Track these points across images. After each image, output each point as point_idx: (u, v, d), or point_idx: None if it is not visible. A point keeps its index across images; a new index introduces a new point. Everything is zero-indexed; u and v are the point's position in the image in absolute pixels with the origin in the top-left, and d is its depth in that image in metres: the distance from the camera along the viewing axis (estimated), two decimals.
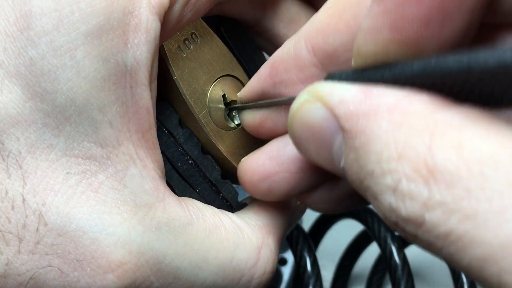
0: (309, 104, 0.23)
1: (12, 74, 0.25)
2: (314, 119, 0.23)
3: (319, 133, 0.23)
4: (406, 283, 0.42)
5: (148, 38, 0.26)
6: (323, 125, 0.22)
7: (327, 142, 0.22)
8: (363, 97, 0.21)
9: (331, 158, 0.23)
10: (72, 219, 0.25)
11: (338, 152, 0.22)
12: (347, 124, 0.21)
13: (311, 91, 0.23)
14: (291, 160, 0.29)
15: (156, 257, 0.27)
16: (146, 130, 0.27)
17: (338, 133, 0.22)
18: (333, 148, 0.22)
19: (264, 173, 0.30)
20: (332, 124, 0.22)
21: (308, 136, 0.23)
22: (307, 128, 0.23)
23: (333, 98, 0.22)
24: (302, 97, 0.24)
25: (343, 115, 0.21)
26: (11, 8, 0.25)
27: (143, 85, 0.26)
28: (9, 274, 0.24)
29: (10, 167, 0.24)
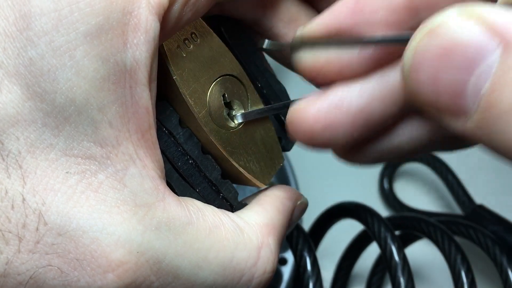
0: (459, 20, 0.21)
1: (11, 74, 0.25)
2: (463, 36, 0.20)
3: (465, 52, 0.20)
4: (406, 283, 0.42)
5: (147, 38, 0.26)
6: (474, 43, 0.20)
7: (472, 62, 0.20)
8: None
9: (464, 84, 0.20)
10: (72, 219, 0.25)
11: (483, 73, 0.20)
12: None
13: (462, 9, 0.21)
14: (358, 110, 0.27)
15: (156, 256, 0.27)
16: (146, 130, 0.27)
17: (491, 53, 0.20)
18: (477, 69, 0.20)
19: (328, 123, 0.27)
20: (486, 43, 0.20)
21: (444, 56, 0.21)
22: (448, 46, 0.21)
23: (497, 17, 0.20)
24: (449, 12, 0.21)
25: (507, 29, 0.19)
26: (11, 8, 0.25)
27: (143, 85, 0.27)
28: (9, 274, 0.24)
29: (10, 166, 0.24)
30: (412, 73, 0.22)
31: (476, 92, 0.20)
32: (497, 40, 0.20)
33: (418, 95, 0.22)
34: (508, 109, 0.19)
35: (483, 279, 0.57)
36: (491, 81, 0.20)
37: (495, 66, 0.20)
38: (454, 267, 0.46)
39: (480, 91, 0.20)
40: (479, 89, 0.20)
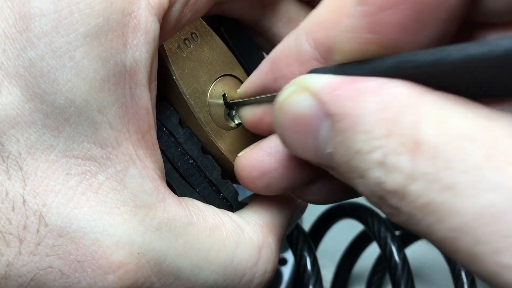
0: (295, 94, 0.24)
1: (11, 76, 0.24)
2: (300, 109, 0.23)
3: (305, 122, 0.23)
4: (406, 283, 0.42)
5: (147, 39, 0.26)
6: (309, 113, 0.23)
7: (313, 130, 0.23)
8: (349, 82, 0.22)
9: (316, 147, 0.24)
10: (72, 220, 0.25)
11: (324, 139, 0.23)
12: (334, 108, 0.22)
13: (297, 82, 0.24)
14: (290, 156, 0.30)
15: (157, 257, 0.27)
16: (146, 131, 0.27)
17: (324, 120, 0.22)
18: (319, 136, 0.23)
19: (263, 170, 0.30)
20: (318, 112, 0.23)
21: (294, 127, 0.24)
22: (293, 118, 0.24)
23: (319, 86, 0.23)
24: (288, 88, 0.24)
25: (329, 100, 0.22)
26: (10, 10, 0.25)
27: (143, 85, 0.26)
28: (9, 276, 0.24)
29: (10, 168, 0.24)
30: (280, 137, 0.26)
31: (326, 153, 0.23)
32: (325, 110, 0.22)
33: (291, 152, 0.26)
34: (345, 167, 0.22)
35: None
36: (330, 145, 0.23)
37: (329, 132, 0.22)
38: (454, 267, 0.46)
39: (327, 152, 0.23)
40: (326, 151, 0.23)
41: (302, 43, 0.28)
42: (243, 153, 0.31)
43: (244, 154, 0.31)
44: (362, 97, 0.21)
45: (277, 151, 0.30)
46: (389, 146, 0.20)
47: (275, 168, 0.30)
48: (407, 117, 0.20)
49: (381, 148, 0.20)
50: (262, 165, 0.30)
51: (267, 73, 0.30)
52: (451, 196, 0.18)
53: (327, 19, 0.27)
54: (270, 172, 0.30)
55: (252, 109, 0.32)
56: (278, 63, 0.29)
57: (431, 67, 0.20)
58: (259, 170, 0.30)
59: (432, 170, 0.18)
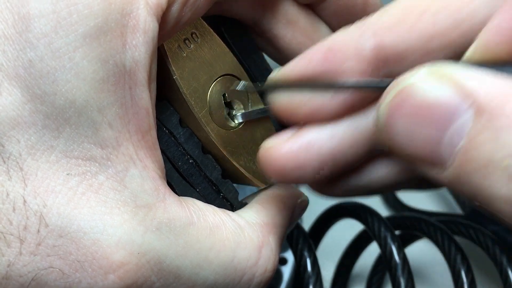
0: (429, 79, 0.22)
1: (11, 77, 0.25)
2: (434, 96, 0.22)
3: (437, 111, 0.22)
4: (406, 283, 0.42)
5: (146, 39, 0.26)
6: (446, 103, 0.21)
7: (444, 121, 0.21)
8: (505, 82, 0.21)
9: (438, 140, 0.22)
10: (73, 220, 0.25)
11: (455, 133, 0.21)
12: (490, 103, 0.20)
13: (433, 68, 0.22)
14: (327, 153, 0.28)
15: (157, 257, 0.27)
16: (146, 131, 0.27)
17: (462, 113, 0.21)
18: (450, 128, 0.21)
19: (297, 163, 0.28)
20: (457, 104, 0.21)
21: (417, 114, 0.22)
22: (421, 105, 0.22)
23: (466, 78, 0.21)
24: (419, 72, 0.22)
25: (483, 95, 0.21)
26: (9, 11, 0.25)
27: (142, 85, 0.27)
28: (10, 276, 0.24)
29: (11, 169, 0.24)
30: (387, 127, 0.23)
31: (451, 148, 0.21)
32: (468, 101, 0.21)
33: (393, 146, 0.24)
34: (482, 165, 0.20)
35: (483, 279, 0.57)
36: (466, 140, 0.21)
37: (468, 126, 0.21)
38: (454, 267, 0.46)
39: (455, 147, 0.21)
40: (454, 146, 0.21)
41: (366, 40, 0.27)
42: (273, 143, 0.30)
43: (277, 145, 0.29)
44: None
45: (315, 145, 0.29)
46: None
47: (311, 163, 0.28)
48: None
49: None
50: (297, 159, 0.28)
51: (320, 61, 0.28)
52: None
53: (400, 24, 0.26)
54: (305, 166, 0.28)
55: (290, 95, 0.29)
56: (334, 55, 0.28)
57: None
58: (293, 163, 0.28)
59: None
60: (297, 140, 0.29)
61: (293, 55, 0.36)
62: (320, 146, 0.28)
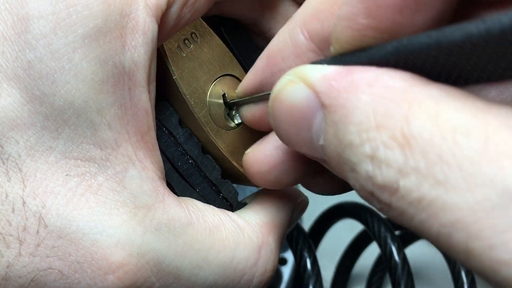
0: (291, 84, 0.23)
1: (10, 78, 0.25)
2: (295, 99, 0.23)
3: (300, 112, 0.23)
4: (406, 283, 0.42)
5: (145, 40, 0.26)
6: (304, 104, 0.23)
7: (307, 121, 0.23)
8: (344, 73, 0.21)
9: (310, 138, 0.23)
10: (72, 221, 0.25)
11: (318, 130, 0.22)
12: (328, 100, 0.21)
13: (294, 72, 0.24)
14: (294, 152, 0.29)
15: (156, 257, 0.27)
16: (145, 132, 0.27)
17: (318, 111, 0.22)
18: (313, 127, 0.23)
19: (272, 163, 0.30)
20: (313, 102, 0.22)
21: (288, 118, 0.24)
22: (288, 108, 0.23)
23: (315, 76, 0.22)
24: (285, 78, 0.24)
25: (324, 91, 0.22)
26: (8, 12, 0.25)
27: (141, 86, 0.27)
28: (10, 277, 0.24)
29: (10, 170, 0.24)
30: (276, 131, 0.25)
31: (319, 145, 0.23)
32: (319, 101, 0.22)
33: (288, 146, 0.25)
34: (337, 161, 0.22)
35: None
36: (323, 138, 0.22)
37: (322, 123, 0.22)
38: (454, 267, 0.46)
39: (319, 144, 0.23)
40: (319, 143, 0.23)
41: (297, 35, 0.28)
42: (250, 150, 0.31)
43: (251, 151, 0.31)
44: (355, 88, 0.20)
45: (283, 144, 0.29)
46: (379, 139, 0.19)
47: (283, 160, 0.30)
48: (399, 110, 0.19)
49: (372, 141, 0.19)
50: (270, 159, 0.30)
51: (264, 69, 0.30)
52: (443, 192, 0.17)
53: (322, 10, 0.27)
54: (279, 165, 0.30)
55: (252, 107, 0.32)
56: (274, 58, 0.29)
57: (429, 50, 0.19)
58: (267, 164, 0.30)
59: (423, 165, 0.18)
60: (268, 143, 0.30)
61: None
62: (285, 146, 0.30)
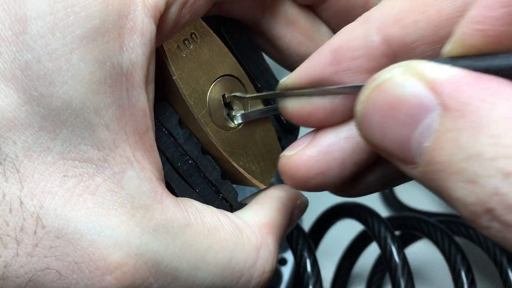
0: (402, 76, 0.22)
1: (7, 78, 0.25)
2: (405, 93, 0.21)
3: (407, 109, 0.21)
4: (406, 283, 0.42)
5: (143, 40, 0.26)
6: (416, 100, 0.21)
7: (413, 119, 0.21)
8: (476, 80, 0.20)
9: (408, 138, 0.22)
10: (69, 222, 0.25)
11: (424, 131, 0.21)
12: (454, 103, 0.20)
13: (407, 65, 0.22)
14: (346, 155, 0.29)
15: (154, 258, 0.27)
16: (143, 132, 0.27)
17: (431, 111, 0.21)
18: (419, 126, 0.21)
19: (319, 169, 0.29)
20: (427, 101, 0.21)
21: (389, 111, 0.22)
22: (392, 102, 0.22)
23: (437, 75, 0.21)
24: (395, 69, 0.22)
25: (449, 94, 0.20)
26: (6, 12, 0.25)
27: (139, 87, 0.27)
28: (7, 277, 0.24)
29: (7, 170, 0.24)
30: (363, 123, 0.23)
31: (420, 147, 0.21)
32: (437, 99, 0.21)
33: (369, 142, 0.24)
34: (443, 167, 0.20)
35: (483, 279, 0.57)
36: (432, 139, 0.21)
37: (435, 125, 0.21)
38: (454, 267, 0.46)
39: (422, 146, 0.21)
40: (422, 144, 0.21)
41: (372, 36, 0.26)
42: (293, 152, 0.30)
43: (296, 154, 0.29)
44: (493, 98, 0.19)
45: (332, 149, 0.29)
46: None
47: (332, 166, 0.28)
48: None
49: (510, 158, 0.18)
50: (318, 164, 0.28)
51: (327, 64, 0.28)
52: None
53: (405, 16, 0.26)
54: (327, 170, 0.29)
55: (301, 101, 0.30)
56: (342, 55, 0.27)
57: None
58: (315, 169, 0.28)
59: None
60: (315, 147, 0.29)
61: (293, 55, 0.36)
62: (338, 149, 0.29)
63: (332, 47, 0.28)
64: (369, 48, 0.27)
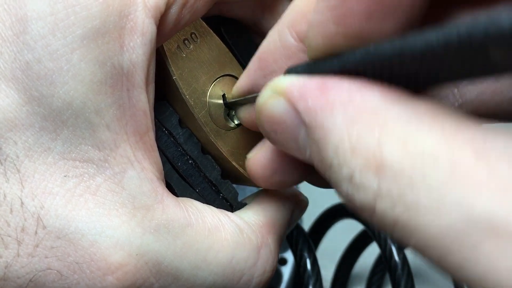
0: (273, 99, 0.23)
1: (8, 78, 0.25)
2: (278, 113, 0.23)
3: (284, 126, 0.23)
4: (406, 283, 0.42)
5: (144, 41, 0.26)
6: (288, 118, 0.23)
7: (293, 134, 0.23)
8: (320, 92, 0.21)
9: (299, 149, 0.23)
10: (70, 222, 0.25)
11: (304, 143, 0.23)
12: (307, 119, 0.21)
13: (273, 86, 0.24)
14: None
15: (155, 258, 0.27)
16: (144, 132, 0.27)
17: (302, 126, 0.22)
18: (299, 139, 0.23)
19: (275, 167, 0.30)
20: (295, 117, 0.22)
21: (275, 129, 0.24)
22: (273, 121, 0.24)
23: (293, 93, 0.22)
24: (266, 92, 0.24)
25: (303, 110, 0.22)
26: (7, 12, 0.25)
27: (140, 87, 0.27)
28: (8, 277, 0.24)
29: (8, 171, 0.24)
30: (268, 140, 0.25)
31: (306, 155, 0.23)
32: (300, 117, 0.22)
33: None
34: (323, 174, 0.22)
35: None
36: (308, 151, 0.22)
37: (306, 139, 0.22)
38: None
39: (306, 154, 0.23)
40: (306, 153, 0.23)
41: (285, 36, 0.28)
42: (252, 154, 0.31)
43: (254, 156, 0.31)
44: (331, 108, 0.21)
45: None
46: (354, 164, 0.20)
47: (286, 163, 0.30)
48: (371, 134, 0.19)
49: (348, 165, 0.20)
50: (274, 163, 0.30)
51: (256, 70, 0.30)
52: (415, 215, 0.18)
53: (308, 11, 0.27)
54: (281, 168, 0.30)
55: (249, 108, 0.32)
56: (266, 60, 0.29)
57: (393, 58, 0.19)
58: (272, 168, 0.30)
59: (396, 189, 0.18)
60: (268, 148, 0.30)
61: None
62: None
63: (257, 53, 0.30)
64: (285, 48, 0.28)
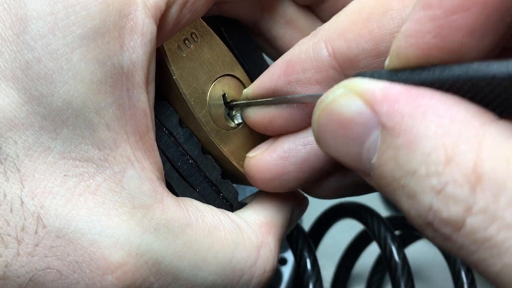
0: (345, 97, 0.23)
1: (8, 78, 0.25)
2: (349, 113, 0.22)
3: (353, 128, 0.22)
4: (406, 283, 0.42)
5: (144, 40, 0.26)
6: (359, 120, 0.22)
7: (360, 137, 0.22)
8: (409, 98, 0.21)
9: (359, 154, 0.23)
10: (70, 221, 0.25)
11: (370, 148, 0.22)
12: (390, 122, 0.21)
13: (349, 85, 0.23)
14: (303, 160, 0.30)
15: (155, 258, 0.27)
16: (144, 132, 0.27)
17: (374, 129, 0.22)
18: (366, 143, 0.22)
19: (276, 172, 0.30)
20: (369, 120, 0.22)
21: (338, 130, 0.23)
22: (339, 122, 0.23)
23: (374, 95, 0.22)
24: (337, 90, 0.23)
25: (385, 113, 0.21)
26: (7, 12, 0.25)
27: (140, 87, 0.27)
28: (8, 276, 0.24)
29: (8, 170, 0.24)
30: (319, 141, 0.25)
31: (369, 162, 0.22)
32: (377, 117, 0.21)
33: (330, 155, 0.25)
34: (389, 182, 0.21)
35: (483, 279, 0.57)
36: (377, 156, 0.22)
37: (378, 142, 0.22)
38: (454, 267, 0.46)
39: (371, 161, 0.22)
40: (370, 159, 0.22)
41: (321, 50, 0.28)
42: (254, 154, 0.31)
43: (256, 156, 0.31)
44: (423, 116, 0.20)
45: (290, 155, 0.31)
46: (449, 175, 0.19)
47: (289, 170, 0.30)
48: (470, 147, 0.19)
49: (441, 175, 0.19)
50: (276, 168, 0.30)
51: (280, 75, 0.30)
52: None
53: (350, 30, 0.27)
54: (284, 174, 0.30)
55: (262, 110, 0.32)
56: (293, 67, 0.29)
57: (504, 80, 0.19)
58: (273, 172, 0.30)
59: (493, 208, 0.18)
60: (275, 151, 0.31)
61: None
62: (295, 154, 0.31)
63: (285, 59, 0.30)
64: (318, 60, 0.28)
